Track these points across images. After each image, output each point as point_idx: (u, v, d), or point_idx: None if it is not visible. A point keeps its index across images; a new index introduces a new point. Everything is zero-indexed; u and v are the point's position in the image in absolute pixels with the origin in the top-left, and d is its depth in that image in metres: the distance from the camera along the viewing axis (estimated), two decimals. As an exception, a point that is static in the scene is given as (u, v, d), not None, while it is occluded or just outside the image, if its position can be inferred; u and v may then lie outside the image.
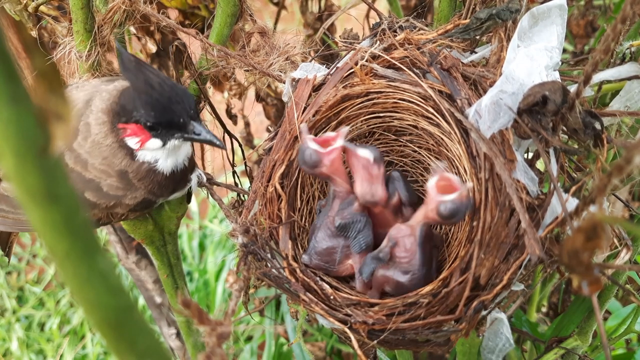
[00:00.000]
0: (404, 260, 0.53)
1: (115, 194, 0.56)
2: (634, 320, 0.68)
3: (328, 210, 0.58)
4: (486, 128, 0.50)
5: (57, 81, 0.21)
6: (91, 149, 0.54)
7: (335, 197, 0.58)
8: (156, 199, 0.59)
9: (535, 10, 0.52)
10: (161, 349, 0.25)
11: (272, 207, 0.59)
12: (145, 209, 0.60)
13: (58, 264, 0.21)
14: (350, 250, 0.57)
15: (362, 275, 0.55)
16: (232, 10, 0.64)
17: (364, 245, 0.56)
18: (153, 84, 0.50)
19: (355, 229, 0.56)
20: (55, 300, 1.76)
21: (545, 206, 0.48)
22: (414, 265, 0.53)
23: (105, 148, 0.54)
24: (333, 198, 0.58)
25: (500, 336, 0.52)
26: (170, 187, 0.59)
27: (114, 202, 0.56)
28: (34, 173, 0.19)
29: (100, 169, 0.54)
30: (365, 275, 0.54)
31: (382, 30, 0.59)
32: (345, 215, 0.56)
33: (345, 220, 0.56)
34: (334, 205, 0.58)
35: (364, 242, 0.56)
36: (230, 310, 0.40)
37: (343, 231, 0.56)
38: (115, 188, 0.55)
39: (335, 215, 0.57)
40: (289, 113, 0.61)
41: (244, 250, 0.53)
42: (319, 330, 1.31)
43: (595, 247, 0.34)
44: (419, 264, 0.53)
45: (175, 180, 0.59)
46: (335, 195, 0.58)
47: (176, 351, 1.10)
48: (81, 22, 0.59)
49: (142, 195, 0.57)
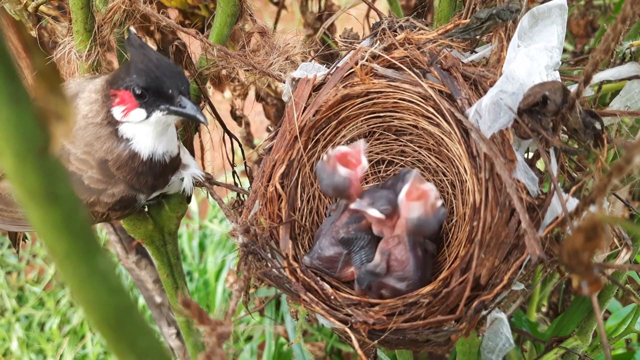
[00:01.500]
0: (398, 269, 0.54)
1: (96, 187, 0.55)
2: (634, 320, 0.68)
3: (335, 219, 0.58)
4: (486, 128, 0.50)
5: (57, 81, 0.21)
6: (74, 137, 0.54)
7: (346, 210, 0.58)
8: (135, 194, 0.58)
9: (536, 10, 0.52)
10: (161, 349, 0.25)
11: (272, 207, 0.59)
12: (126, 208, 0.60)
13: (58, 264, 0.21)
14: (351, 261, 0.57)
15: (360, 286, 0.55)
16: (232, 10, 0.64)
17: (365, 262, 0.56)
18: (151, 58, 0.52)
19: (358, 245, 0.56)
20: (55, 300, 1.76)
21: (545, 206, 0.48)
22: (409, 271, 0.53)
23: (89, 129, 0.54)
24: (343, 210, 0.58)
25: (500, 336, 0.52)
26: (148, 178, 0.58)
27: (94, 198, 0.56)
28: (34, 173, 0.19)
29: (82, 159, 0.54)
30: (363, 286, 0.55)
31: (382, 30, 0.59)
32: (349, 230, 0.56)
33: (349, 235, 0.56)
34: (342, 217, 0.58)
35: (366, 259, 0.56)
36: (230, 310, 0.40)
37: (346, 245, 0.56)
38: (96, 181, 0.55)
39: (341, 228, 0.57)
40: (289, 113, 0.61)
41: (244, 250, 0.53)
42: (319, 330, 1.31)
43: (595, 247, 0.34)
44: (413, 269, 0.53)
45: (154, 172, 0.58)
46: (347, 208, 0.58)
47: (176, 351, 1.10)
48: (81, 22, 0.59)
49: (122, 189, 0.57)
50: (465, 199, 0.57)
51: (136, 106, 0.54)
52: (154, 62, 0.52)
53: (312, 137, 0.61)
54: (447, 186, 0.64)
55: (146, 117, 0.54)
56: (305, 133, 0.60)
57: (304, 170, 0.62)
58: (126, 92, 0.53)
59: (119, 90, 0.54)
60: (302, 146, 0.60)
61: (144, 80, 0.52)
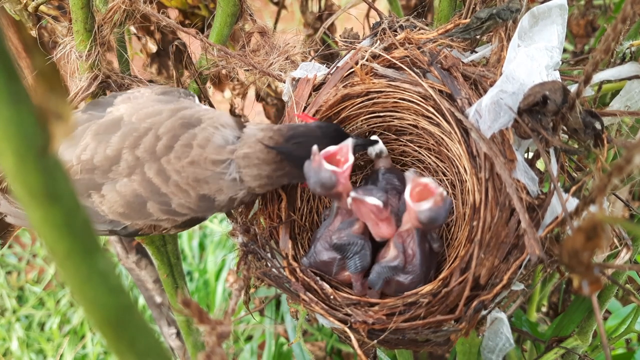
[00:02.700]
0: (407, 262, 0.53)
1: (181, 211, 0.55)
2: (634, 320, 0.68)
3: (329, 224, 0.58)
4: (486, 128, 0.50)
5: (57, 81, 0.21)
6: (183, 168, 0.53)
7: (338, 214, 0.57)
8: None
9: (536, 10, 0.52)
10: (161, 349, 0.25)
11: (272, 207, 0.59)
12: (190, 226, 0.59)
13: (58, 264, 0.21)
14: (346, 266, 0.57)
15: (374, 288, 0.54)
16: (232, 10, 0.64)
17: (360, 268, 0.55)
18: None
19: (352, 250, 0.55)
20: (55, 300, 1.76)
21: (545, 206, 0.48)
22: (415, 265, 0.53)
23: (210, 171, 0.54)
24: (336, 214, 0.58)
25: (500, 336, 0.52)
26: None
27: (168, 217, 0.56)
28: (34, 173, 0.19)
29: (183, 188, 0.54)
30: (377, 287, 0.54)
31: (382, 29, 0.59)
32: (342, 236, 0.56)
33: (342, 241, 0.55)
34: (335, 221, 0.57)
35: (360, 265, 0.55)
36: (230, 309, 0.40)
37: (339, 251, 0.56)
38: (187, 208, 0.55)
39: (333, 234, 0.56)
40: (289, 112, 0.61)
41: (244, 250, 0.53)
42: (319, 330, 1.31)
43: (595, 247, 0.34)
44: (419, 264, 0.53)
45: None
46: (339, 212, 0.57)
47: (176, 351, 1.10)
48: (81, 22, 0.59)
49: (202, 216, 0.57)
50: (465, 198, 0.57)
51: None
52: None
53: (312, 137, 0.61)
54: (447, 186, 0.64)
55: None
56: (305, 133, 0.60)
57: (304, 170, 0.62)
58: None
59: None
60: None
61: None
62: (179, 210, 0.55)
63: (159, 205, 0.55)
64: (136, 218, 0.55)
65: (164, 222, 0.56)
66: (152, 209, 0.55)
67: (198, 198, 0.54)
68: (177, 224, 0.57)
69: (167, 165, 0.54)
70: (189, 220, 0.57)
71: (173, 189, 0.54)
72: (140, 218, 0.55)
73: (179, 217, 0.56)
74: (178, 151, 0.54)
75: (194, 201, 0.55)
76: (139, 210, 0.55)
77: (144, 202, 0.54)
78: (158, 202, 0.54)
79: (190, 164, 0.53)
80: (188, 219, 0.57)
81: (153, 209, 0.55)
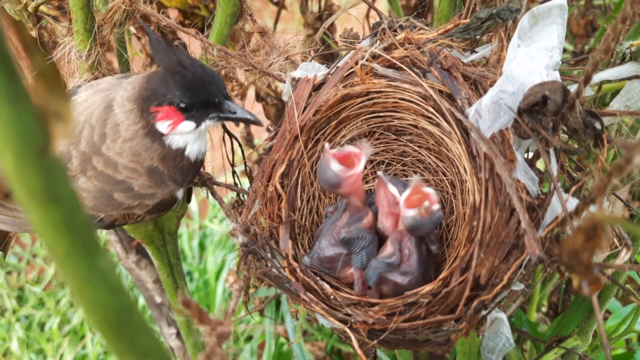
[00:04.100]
0: (403, 262, 0.54)
1: (146, 192, 0.55)
2: (634, 320, 0.68)
3: (336, 220, 0.58)
4: (486, 128, 0.50)
5: (57, 81, 0.21)
6: (121, 148, 0.53)
7: (347, 210, 0.58)
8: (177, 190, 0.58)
9: (536, 10, 0.52)
10: (161, 349, 0.25)
11: (272, 207, 0.59)
12: (163, 210, 0.59)
13: (58, 264, 0.21)
14: (351, 261, 0.57)
15: (369, 282, 0.55)
16: (232, 10, 0.64)
17: (366, 263, 0.56)
18: (185, 65, 0.50)
19: (360, 245, 0.56)
20: (55, 300, 1.76)
21: (545, 206, 0.48)
22: (412, 266, 0.53)
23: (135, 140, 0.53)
24: (344, 210, 0.58)
25: (500, 336, 0.52)
26: (189, 175, 0.58)
27: (138, 202, 0.56)
28: (34, 173, 0.19)
29: (131, 167, 0.54)
30: (371, 281, 0.54)
31: (382, 29, 0.59)
32: (351, 230, 0.56)
33: (351, 235, 0.56)
34: (343, 217, 0.57)
35: (367, 259, 0.56)
36: (230, 310, 0.40)
37: (347, 245, 0.56)
38: (147, 187, 0.55)
39: (342, 228, 0.57)
40: (289, 113, 0.61)
41: (244, 250, 0.53)
42: (319, 330, 1.31)
43: (595, 247, 0.34)
44: (416, 264, 0.53)
45: (195, 168, 0.58)
46: (347, 207, 0.58)
47: (176, 351, 1.10)
48: (81, 22, 0.59)
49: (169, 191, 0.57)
50: (465, 198, 0.57)
51: (182, 119, 0.52)
52: (190, 70, 0.49)
53: (312, 137, 0.62)
54: (447, 186, 0.64)
55: (195, 127, 0.53)
56: (306, 133, 0.60)
57: (304, 170, 0.62)
58: (170, 108, 0.52)
59: (161, 107, 0.52)
60: (303, 146, 0.60)
61: (188, 96, 0.50)
62: (143, 191, 0.55)
63: (124, 193, 0.54)
64: (109, 210, 0.56)
65: (136, 208, 0.56)
66: (120, 197, 0.55)
67: (146, 172, 0.54)
68: (150, 209, 0.57)
69: (108, 152, 0.53)
70: (158, 204, 0.57)
71: (126, 172, 0.54)
72: (113, 209, 0.56)
73: (148, 200, 0.56)
74: (110, 135, 0.53)
75: (145, 177, 0.54)
76: (108, 203, 0.55)
77: (110, 194, 0.54)
78: (121, 190, 0.54)
79: (124, 141, 0.53)
80: (158, 202, 0.57)
81: (121, 197, 0.55)
